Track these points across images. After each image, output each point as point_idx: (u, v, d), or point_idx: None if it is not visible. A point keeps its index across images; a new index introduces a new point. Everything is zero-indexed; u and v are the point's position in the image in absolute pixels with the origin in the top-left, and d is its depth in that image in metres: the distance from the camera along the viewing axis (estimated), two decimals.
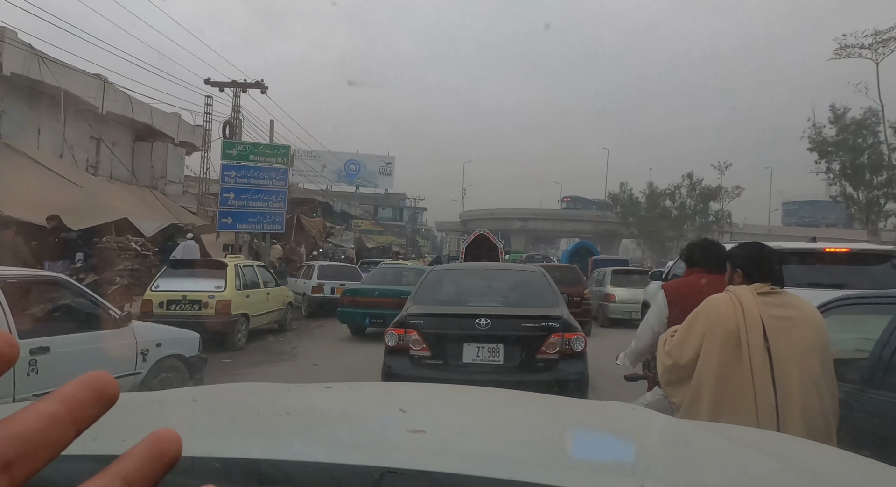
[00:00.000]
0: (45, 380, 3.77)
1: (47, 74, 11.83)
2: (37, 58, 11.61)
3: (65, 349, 3.95)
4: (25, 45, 11.43)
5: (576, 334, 4.19)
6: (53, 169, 11.93)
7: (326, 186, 51.78)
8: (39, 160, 11.88)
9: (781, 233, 49.85)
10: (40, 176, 11.49)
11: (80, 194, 11.76)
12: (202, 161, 18.45)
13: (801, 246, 5.07)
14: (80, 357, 4.10)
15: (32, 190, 10.63)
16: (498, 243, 20.00)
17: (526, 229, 69.40)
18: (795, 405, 1.79)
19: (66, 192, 11.49)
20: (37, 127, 12.78)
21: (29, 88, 12.13)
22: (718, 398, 1.88)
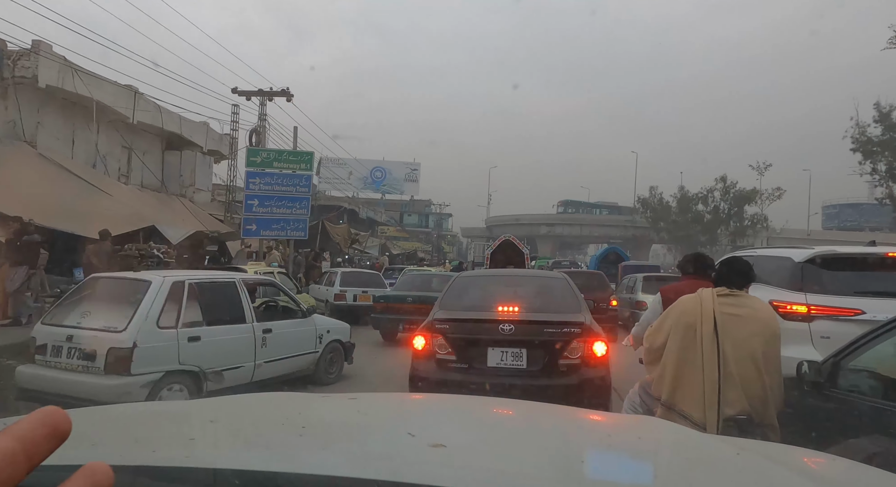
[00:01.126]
0: (271, 351, 5.53)
1: (80, 86, 12.16)
2: (70, 70, 11.96)
3: (280, 331, 5.70)
4: (60, 58, 11.78)
5: (598, 339, 4.22)
6: (86, 178, 12.24)
7: (353, 193, 52.35)
8: (73, 170, 12.20)
9: (821, 237, 47.69)
10: (74, 185, 11.80)
11: (111, 202, 12.03)
12: (229, 169, 18.75)
13: (859, 251, 4.64)
14: (289, 337, 5.83)
15: (66, 200, 10.90)
16: (524, 249, 19.64)
17: (553, 234, 68.46)
18: (734, 378, 2.41)
19: (99, 200, 11.76)
20: (71, 137, 13.15)
21: (63, 100, 12.51)
22: (678, 374, 2.53)
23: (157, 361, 4.53)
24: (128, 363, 4.29)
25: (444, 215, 73.48)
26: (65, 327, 4.59)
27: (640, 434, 1.32)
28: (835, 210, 70.60)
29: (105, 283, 5.19)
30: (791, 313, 4.50)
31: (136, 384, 4.36)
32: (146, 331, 4.48)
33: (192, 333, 4.83)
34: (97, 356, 4.30)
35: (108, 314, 4.65)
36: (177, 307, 4.74)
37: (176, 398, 4.57)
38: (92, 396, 4.22)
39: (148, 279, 4.78)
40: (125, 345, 4.33)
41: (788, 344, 4.60)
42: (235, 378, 5.17)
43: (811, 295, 4.37)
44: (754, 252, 5.95)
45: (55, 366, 4.46)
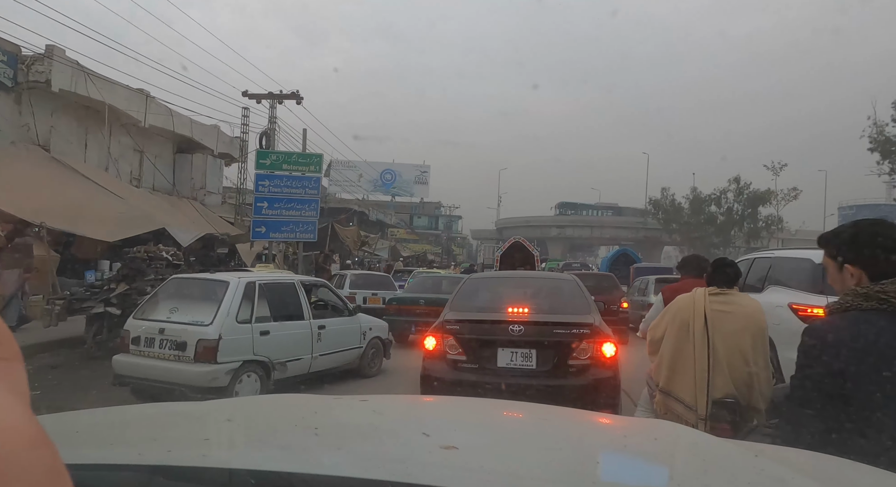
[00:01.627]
0: (324, 345, 6.18)
1: (93, 90, 12.28)
2: (84, 74, 12.08)
3: (332, 327, 6.33)
4: (73, 63, 11.90)
5: (607, 340, 4.25)
6: (98, 182, 12.34)
7: (363, 195, 52.48)
8: (85, 173, 12.31)
9: None
10: (86, 189, 11.90)
11: (123, 205, 12.11)
12: (239, 171, 18.84)
13: None
14: (339, 333, 6.45)
15: (78, 203, 10.99)
16: (534, 251, 19.50)
17: (563, 236, 68.05)
18: (722, 366, 2.69)
19: (110, 203, 11.85)
20: (84, 141, 13.29)
21: (76, 104, 12.64)
22: (673, 364, 2.84)
23: (237, 351, 5.14)
24: (214, 353, 4.91)
25: (453, 218, 73.38)
26: (156, 321, 5.22)
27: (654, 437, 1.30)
28: (851, 211, 69.15)
29: (187, 283, 5.89)
30: (811, 316, 4.35)
31: (220, 371, 4.96)
32: (228, 325, 5.11)
33: (263, 328, 5.44)
34: (187, 346, 4.92)
35: (194, 310, 5.25)
36: (250, 304, 5.36)
37: (250, 385, 5.21)
38: (183, 381, 4.88)
39: (226, 280, 5.47)
40: (212, 337, 4.95)
41: None
42: (296, 369, 5.77)
43: (833, 298, 4.22)
44: (772, 253, 5.80)
45: (148, 355, 5.10)
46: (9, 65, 11.12)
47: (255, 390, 5.25)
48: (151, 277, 7.62)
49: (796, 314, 4.45)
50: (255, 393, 5.23)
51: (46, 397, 5.43)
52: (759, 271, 5.78)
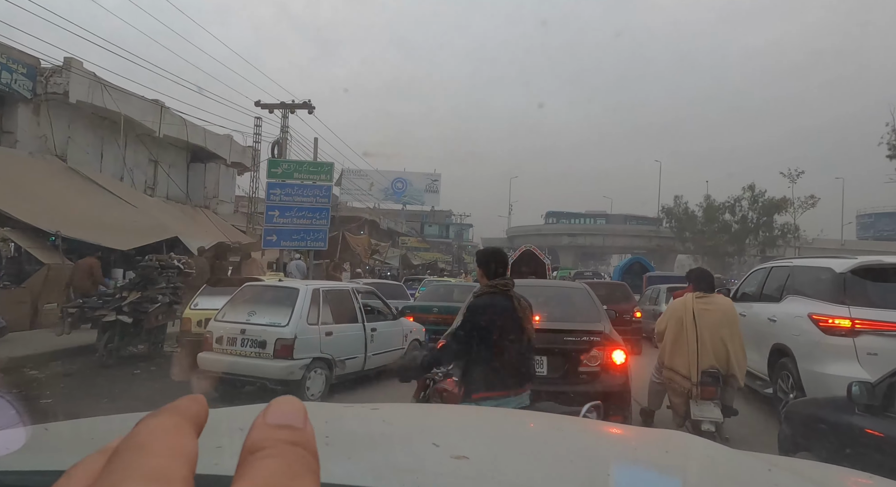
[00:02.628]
0: (376, 346, 6.81)
1: (109, 101, 12.50)
2: (100, 86, 12.30)
3: (381, 330, 6.99)
4: (90, 75, 12.13)
5: (617, 347, 4.32)
6: (113, 191, 12.52)
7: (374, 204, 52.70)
8: (101, 183, 12.50)
9: (856, 247, 45.87)
10: (101, 198, 12.07)
11: (137, 214, 12.26)
12: (251, 181, 19.00)
13: None
14: (387, 335, 7.13)
15: (94, 212, 11.15)
16: (545, 260, 19.33)
17: (575, 244, 67.57)
18: (707, 347, 4.00)
19: (124, 213, 12.01)
20: (100, 151, 13.51)
21: (93, 115, 12.87)
22: (672, 347, 4.18)
23: (308, 349, 5.79)
24: (291, 351, 5.56)
25: (464, 226, 73.32)
26: (237, 323, 5.87)
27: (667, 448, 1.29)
28: (870, 219, 67.93)
29: (260, 289, 6.67)
30: (833, 327, 4.21)
31: (296, 366, 5.60)
32: (301, 326, 5.76)
33: (328, 329, 6.10)
34: (267, 344, 5.57)
35: (271, 312, 5.89)
36: (317, 308, 6.03)
37: (318, 379, 5.89)
38: (263, 375, 5.59)
39: (297, 287, 6.21)
40: (289, 336, 5.61)
41: (830, 361, 4.31)
42: (353, 366, 6.47)
43: (855, 308, 4.08)
44: (790, 262, 5.65)
45: (231, 353, 5.73)
46: (28, 77, 11.36)
47: (321, 384, 5.97)
48: (163, 285, 7.66)
49: (817, 325, 4.31)
50: (323, 386, 5.96)
51: (60, 405, 5.50)
52: (777, 281, 5.63)
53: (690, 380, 4.03)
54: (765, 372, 5.33)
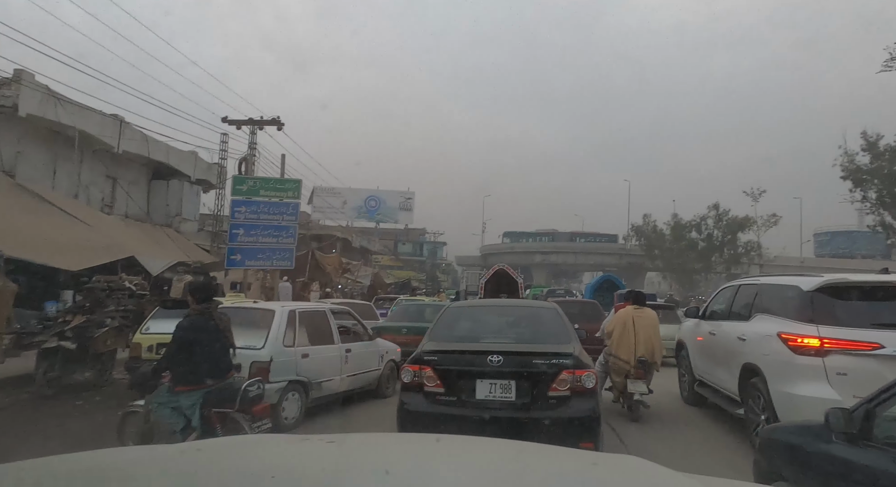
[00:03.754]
0: (351, 367, 6.78)
1: (64, 115, 11.96)
2: (54, 99, 11.77)
3: (357, 351, 6.94)
4: (43, 87, 11.61)
5: (587, 371, 4.21)
6: (65, 209, 11.89)
7: (347, 222, 52.11)
8: (52, 201, 11.85)
9: (815, 265, 47.63)
10: (52, 216, 11.43)
11: (90, 233, 11.64)
12: (216, 198, 18.46)
13: (874, 279, 4.32)
14: (363, 356, 7.05)
15: (43, 231, 10.51)
16: (517, 278, 19.35)
17: (547, 262, 68.18)
18: (641, 342, 6.04)
19: (77, 231, 11.38)
20: (52, 167, 12.87)
21: (46, 129, 12.28)
22: (618, 341, 6.17)
23: (284, 372, 5.71)
24: (266, 373, 5.39)
25: (438, 244, 73.24)
26: None
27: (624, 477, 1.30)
28: (826, 238, 70.86)
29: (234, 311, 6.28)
30: (802, 346, 4.15)
31: (271, 389, 5.40)
32: (277, 349, 5.69)
33: (304, 351, 6.04)
34: (242, 368, 5.23)
35: (245, 335, 5.57)
36: (293, 330, 5.97)
37: (293, 402, 5.81)
38: None
39: (273, 308, 6.11)
40: (265, 359, 5.52)
41: (801, 381, 4.24)
42: (329, 389, 6.40)
43: (824, 327, 4.04)
44: (758, 280, 5.65)
45: None
46: None
47: (297, 407, 5.86)
48: (112, 308, 7.19)
49: (787, 345, 4.25)
50: (299, 410, 5.87)
51: None
52: (745, 298, 5.61)
53: (630, 364, 6.00)
54: (735, 392, 5.25)
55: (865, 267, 41.04)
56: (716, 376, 5.96)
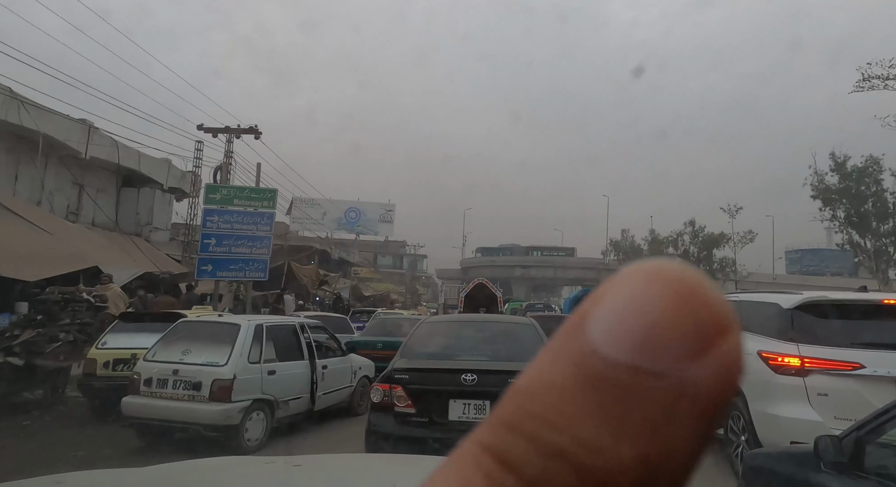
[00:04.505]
0: (327, 383, 6.58)
1: (27, 119, 11.49)
2: (16, 102, 11.31)
3: (332, 367, 6.78)
4: (5, 89, 11.15)
5: None
6: (25, 216, 11.36)
7: (326, 233, 51.51)
8: (11, 207, 11.32)
9: (787, 281, 48.74)
10: (11, 224, 10.90)
11: (52, 241, 11.13)
12: (189, 207, 17.96)
13: (853, 297, 4.27)
14: (336, 372, 6.85)
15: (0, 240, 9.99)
16: (497, 292, 19.28)
17: (527, 276, 68.46)
18: None
19: (38, 240, 10.86)
20: (14, 173, 12.34)
21: (7, 133, 11.78)
22: None
23: (249, 390, 5.42)
24: (229, 392, 5.16)
25: (418, 257, 72.96)
26: (169, 363, 5.38)
27: None
28: (797, 255, 72.82)
29: (197, 325, 6.16)
30: (783, 365, 4.06)
31: (234, 409, 5.21)
32: (241, 365, 5.39)
33: (271, 367, 5.74)
34: (202, 386, 5.15)
35: (208, 351, 5.44)
36: (259, 345, 5.68)
37: (258, 423, 5.53)
38: (197, 420, 5.15)
39: (238, 322, 5.82)
40: (227, 377, 5.22)
41: (781, 401, 4.15)
42: (298, 407, 6.12)
43: (804, 346, 3.96)
44: (737, 297, 5.59)
45: (161, 396, 5.25)
46: None
47: (261, 428, 5.56)
48: (67, 321, 6.78)
49: (767, 364, 4.16)
50: (263, 431, 5.55)
51: None
52: None
53: None
54: None
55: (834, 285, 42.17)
56: None
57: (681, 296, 0.18)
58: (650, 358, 0.18)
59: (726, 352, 0.18)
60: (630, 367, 0.18)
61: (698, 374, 0.18)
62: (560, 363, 0.19)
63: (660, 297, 0.18)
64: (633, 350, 0.18)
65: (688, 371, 0.18)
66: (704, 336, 0.18)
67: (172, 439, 5.46)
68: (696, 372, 0.18)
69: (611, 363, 0.18)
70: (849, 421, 3.44)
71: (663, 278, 0.19)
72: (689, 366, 0.18)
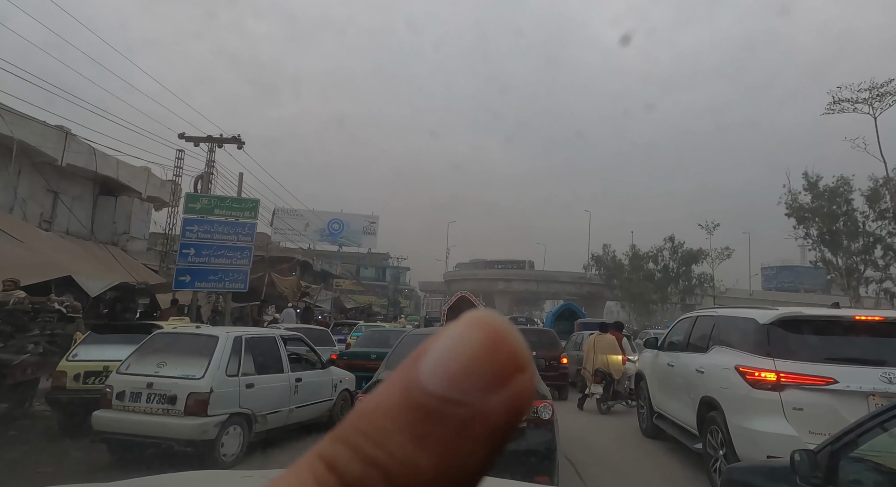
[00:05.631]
0: (301, 398, 6.43)
1: (1, 124, 11.22)
2: None
3: (307, 380, 6.60)
4: None
5: (543, 402, 4.18)
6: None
7: (309, 245, 51.00)
8: None
9: (763, 297, 49.68)
10: None
11: (23, 250, 10.80)
12: (168, 217, 17.65)
13: (826, 313, 4.37)
14: (314, 386, 6.75)
15: None
16: (479, 306, 19.26)
17: (510, 290, 68.59)
18: (599, 359, 9.45)
19: (8, 248, 10.53)
20: None
21: None
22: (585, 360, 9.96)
23: (226, 404, 5.29)
24: (205, 406, 5.03)
25: (401, 269, 72.59)
26: (143, 375, 5.22)
27: None
28: (772, 272, 74.44)
29: (173, 337, 6.02)
30: (760, 380, 4.12)
31: (210, 423, 5.08)
32: (219, 378, 5.27)
33: (249, 381, 5.63)
34: (178, 399, 5.00)
35: (184, 363, 5.31)
36: (237, 358, 5.57)
37: (234, 437, 5.39)
38: (171, 435, 4.99)
39: (216, 334, 5.71)
40: (204, 390, 5.08)
41: (758, 416, 4.20)
42: (276, 421, 6.00)
43: (780, 361, 4.03)
44: (715, 312, 5.67)
45: (133, 410, 5.10)
46: None
47: (238, 443, 5.43)
48: (36, 332, 6.56)
49: (745, 378, 4.22)
50: (240, 446, 5.44)
51: None
52: (703, 330, 5.62)
53: (590, 372, 9.34)
54: (694, 426, 5.18)
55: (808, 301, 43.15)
56: (674, 409, 5.90)
57: (489, 340, 0.23)
58: (456, 389, 0.22)
59: (518, 387, 0.23)
60: (440, 396, 0.22)
61: (492, 404, 0.22)
62: (392, 389, 0.23)
63: (474, 340, 0.23)
64: (444, 382, 0.22)
65: (484, 401, 0.22)
66: (502, 374, 0.23)
67: (144, 455, 5.26)
68: (491, 402, 0.22)
69: (427, 392, 0.22)
70: (823, 436, 3.49)
71: (480, 326, 0.23)
72: (486, 397, 0.22)
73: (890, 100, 21.21)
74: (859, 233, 27.65)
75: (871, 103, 21.62)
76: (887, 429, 2.04)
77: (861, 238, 27.65)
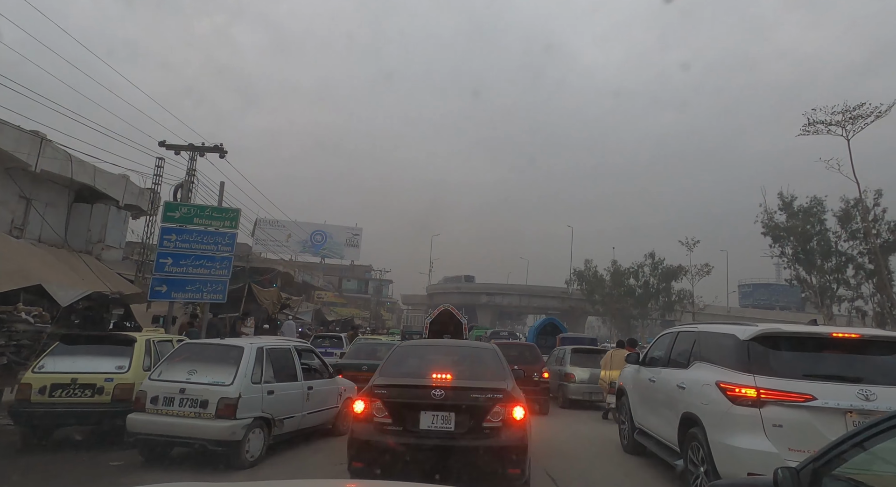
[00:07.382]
0: (312, 404, 6.89)
1: None
2: None
3: (318, 388, 7.05)
4: None
5: (517, 404, 4.67)
6: None
7: (291, 256, 50.40)
8: None
9: (740, 314, 50.48)
10: None
11: None
12: (146, 225, 17.28)
13: (805, 330, 4.42)
14: (323, 393, 7.19)
15: None
16: (462, 319, 19.21)
17: (492, 304, 68.58)
18: (614, 371, 9.47)
19: None
20: None
21: None
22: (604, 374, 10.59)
23: (251, 409, 5.76)
24: (234, 410, 5.50)
25: (384, 282, 72.13)
26: (175, 382, 5.66)
27: None
28: (749, 289, 75.81)
29: (201, 347, 6.55)
30: (740, 396, 4.13)
31: (238, 426, 5.54)
32: (245, 385, 5.74)
33: (270, 388, 6.10)
34: (209, 404, 5.47)
35: (213, 371, 5.76)
36: (260, 366, 6.04)
37: (257, 439, 5.82)
38: (203, 436, 5.44)
39: (241, 345, 6.18)
40: (233, 395, 5.56)
41: (739, 432, 4.19)
42: (291, 426, 6.44)
43: (760, 377, 4.05)
44: (696, 327, 5.71)
45: (167, 413, 5.52)
46: None
47: (260, 444, 5.85)
48: (2, 343, 6.30)
49: (725, 394, 4.23)
50: (262, 447, 5.85)
51: None
52: (684, 346, 5.64)
53: (607, 384, 9.99)
54: (675, 442, 5.16)
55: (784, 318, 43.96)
56: (655, 425, 5.88)
57: None
58: None
59: None
60: None
61: None
62: None
63: None
64: None
65: None
66: None
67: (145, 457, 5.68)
68: None
69: None
70: (802, 452, 3.50)
71: None
72: None
73: (862, 123, 21.93)
74: (832, 252, 28.38)
75: (845, 126, 22.32)
76: (867, 448, 2.04)
77: (834, 257, 28.38)
